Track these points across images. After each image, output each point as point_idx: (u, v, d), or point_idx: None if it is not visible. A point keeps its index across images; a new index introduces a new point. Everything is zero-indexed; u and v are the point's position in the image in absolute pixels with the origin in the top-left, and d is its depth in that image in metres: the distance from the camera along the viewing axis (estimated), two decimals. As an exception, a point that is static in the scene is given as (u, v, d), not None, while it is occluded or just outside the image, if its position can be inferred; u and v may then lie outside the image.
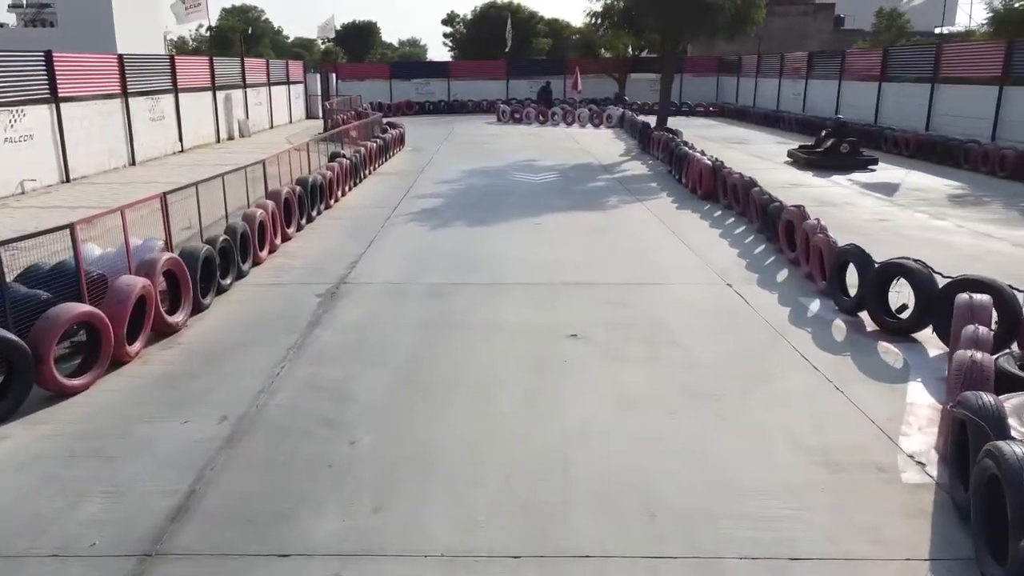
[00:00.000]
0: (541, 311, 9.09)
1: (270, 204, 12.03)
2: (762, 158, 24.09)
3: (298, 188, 13.70)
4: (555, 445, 5.90)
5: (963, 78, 25.70)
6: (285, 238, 12.76)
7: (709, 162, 16.76)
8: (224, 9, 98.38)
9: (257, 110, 34.47)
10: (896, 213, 15.17)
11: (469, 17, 74.45)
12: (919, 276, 7.95)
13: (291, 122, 40.06)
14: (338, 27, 65.61)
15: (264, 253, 11.51)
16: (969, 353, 5.47)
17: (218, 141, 29.37)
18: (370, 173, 20.88)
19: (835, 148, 22.39)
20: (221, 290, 9.77)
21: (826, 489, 5.26)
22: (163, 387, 7.00)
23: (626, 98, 45.24)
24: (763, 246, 12.40)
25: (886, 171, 21.24)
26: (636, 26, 26.77)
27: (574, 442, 5.94)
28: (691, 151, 18.94)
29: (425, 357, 7.72)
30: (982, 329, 6.10)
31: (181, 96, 26.34)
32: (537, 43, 72.14)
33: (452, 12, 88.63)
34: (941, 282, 7.96)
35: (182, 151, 26.05)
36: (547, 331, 8.39)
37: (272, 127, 36.51)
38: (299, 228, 13.59)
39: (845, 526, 4.86)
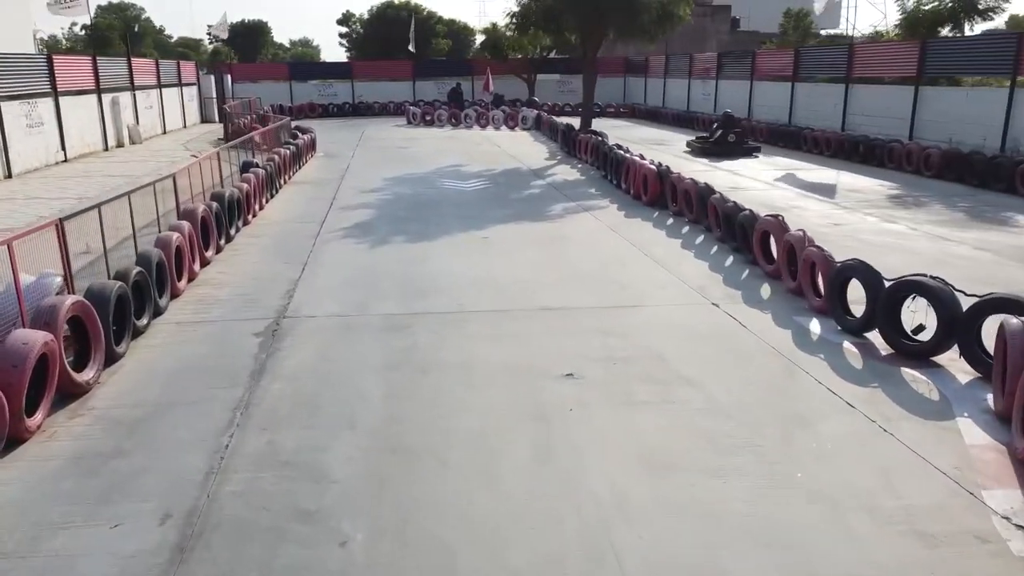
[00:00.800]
0: (521, 345, 7.99)
1: (186, 225, 10.42)
2: (689, 159, 23.74)
3: (215, 204, 12.09)
4: (594, 527, 4.83)
5: (877, 78, 26.19)
6: (204, 263, 11.17)
7: (654, 167, 16.04)
8: (100, 7, 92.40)
9: (148, 114, 31.85)
10: (846, 217, 14.84)
11: (366, 17, 72.33)
12: (940, 295, 7.29)
13: (185, 127, 37.39)
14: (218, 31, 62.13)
15: (183, 283, 9.93)
16: (1075, 398, 4.72)
17: (106, 149, 26.81)
18: (285, 183, 19.21)
19: (724, 138, 25.16)
20: (137, 332, 8.21)
21: (935, 573, 4.39)
22: (79, 473, 5.51)
23: (536, 99, 44.64)
24: (730, 257, 11.69)
25: (817, 171, 21.18)
26: (557, 25, 25.98)
27: (614, 521, 4.89)
28: (629, 155, 18.22)
29: (401, 412, 6.48)
30: (1060, 363, 5.41)
31: (62, 100, 23.78)
32: (437, 44, 70.83)
33: (348, 12, 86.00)
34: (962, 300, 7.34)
35: (66, 161, 23.52)
36: (535, 370, 7.30)
37: (165, 132, 33.89)
38: (218, 250, 11.99)
39: (977, 624, 3.99)
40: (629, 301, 9.51)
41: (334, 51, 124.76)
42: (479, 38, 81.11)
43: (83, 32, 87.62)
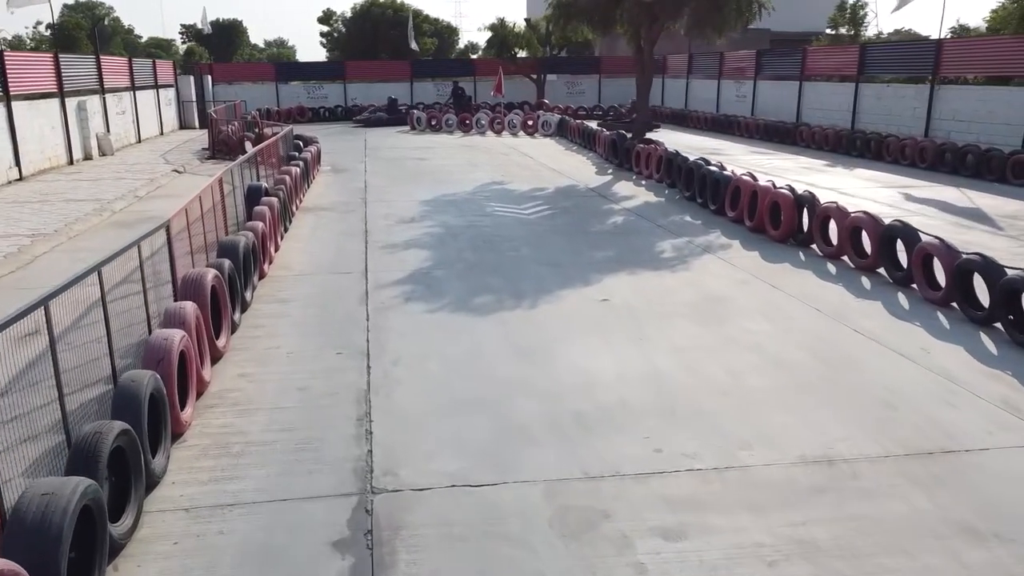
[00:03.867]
0: None
1: (190, 312, 6.57)
2: (771, 174, 20.16)
3: (226, 264, 8.23)
4: None
5: (962, 78, 22.86)
6: (215, 357, 7.35)
7: (787, 192, 12.39)
8: (66, 5, 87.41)
9: (120, 121, 27.70)
10: (1055, 258, 11.29)
11: (348, 15, 68.26)
12: None
13: (163, 134, 33.22)
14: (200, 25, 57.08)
15: (188, 411, 6.10)
16: None
17: (71, 163, 22.66)
18: (297, 208, 15.35)
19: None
20: (114, 548, 4.40)
21: None
22: None
23: (546, 101, 41.04)
24: (979, 334, 8.08)
25: (932, 189, 17.66)
26: (603, 17, 22.28)
27: None
28: (732, 174, 14.60)
29: None
30: None
31: (15, 105, 19.67)
32: (423, 43, 67.11)
33: (329, 10, 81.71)
34: None
35: (20, 179, 19.39)
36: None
37: (140, 140, 29.75)
38: (233, 329, 8.15)
39: None
40: (928, 440, 5.82)
41: (311, 51, 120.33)
42: (463, 37, 77.51)
43: (48, 32, 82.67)
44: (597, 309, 9.07)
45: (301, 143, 21.87)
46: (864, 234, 10.62)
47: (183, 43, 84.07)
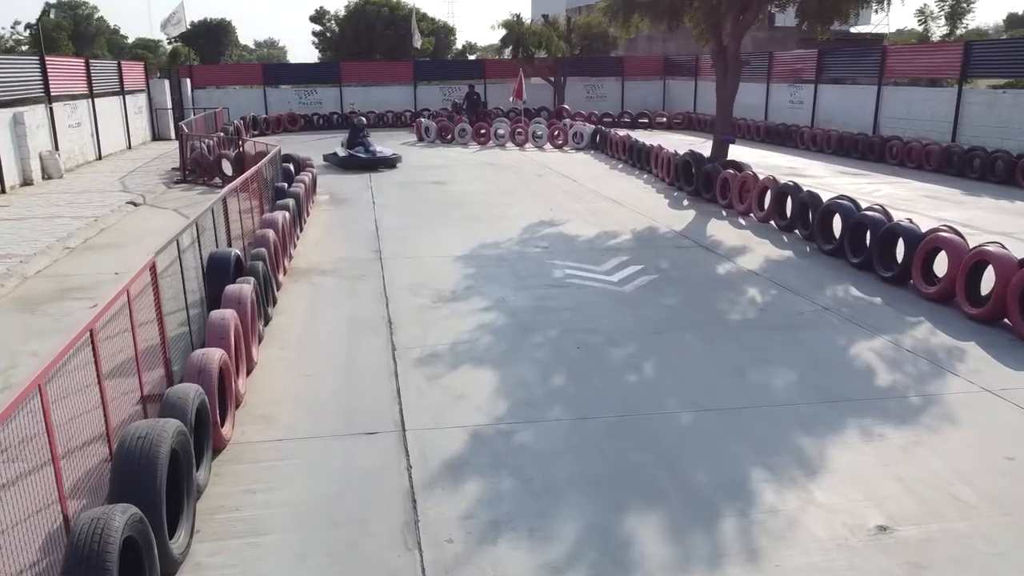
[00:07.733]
0: None
1: None
2: (891, 207, 15.67)
3: (127, 519, 3.67)
4: None
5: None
6: None
7: (1057, 270, 7.91)
8: (48, 3, 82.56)
9: (74, 135, 23.02)
10: None
11: (342, 14, 63.78)
12: None
13: (130, 147, 28.53)
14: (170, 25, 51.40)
15: None
16: None
17: (3, 191, 18.01)
18: (284, 275, 10.79)
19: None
20: None
21: None
22: None
23: (567, 107, 36.63)
24: None
25: None
26: (672, 7, 17.81)
27: None
28: (914, 225, 10.15)
29: None
30: None
31: (-81, 122, 15.07)
32: (422, 43, 62.79)
33: (322, 8, 77.05)
34: None
35: (-78, 219, 14.77)
36: None
37: (100, 157, 25.07)
38: None
39: None
40: None
41: (302, 52, 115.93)
42: (459, 36, 73.48)
43: (27, 32, 77.76)
44: (883, 563, 4.55)
45: (292, 167, 17.30)
46: None
47: (169, 44, 79.33)
